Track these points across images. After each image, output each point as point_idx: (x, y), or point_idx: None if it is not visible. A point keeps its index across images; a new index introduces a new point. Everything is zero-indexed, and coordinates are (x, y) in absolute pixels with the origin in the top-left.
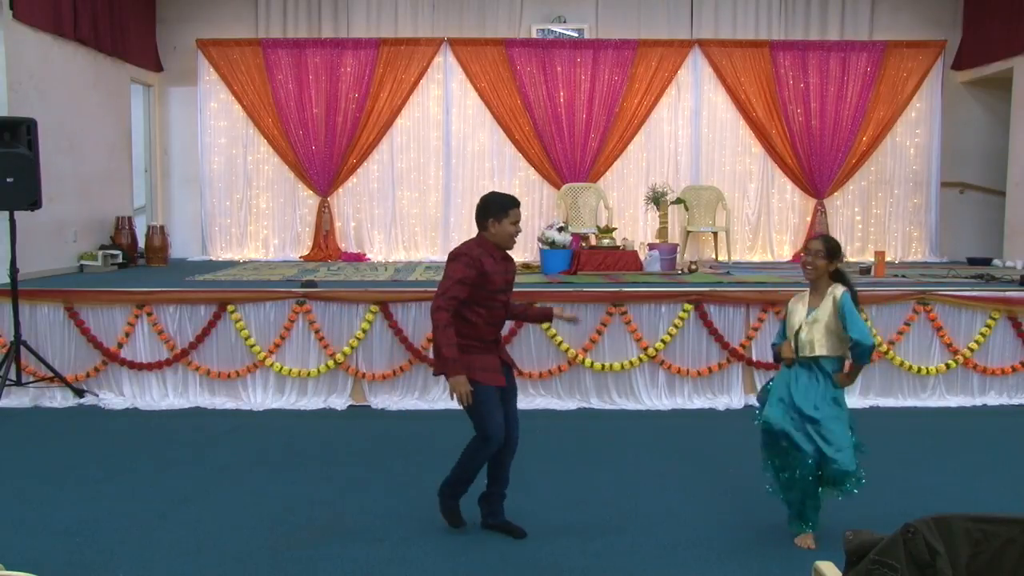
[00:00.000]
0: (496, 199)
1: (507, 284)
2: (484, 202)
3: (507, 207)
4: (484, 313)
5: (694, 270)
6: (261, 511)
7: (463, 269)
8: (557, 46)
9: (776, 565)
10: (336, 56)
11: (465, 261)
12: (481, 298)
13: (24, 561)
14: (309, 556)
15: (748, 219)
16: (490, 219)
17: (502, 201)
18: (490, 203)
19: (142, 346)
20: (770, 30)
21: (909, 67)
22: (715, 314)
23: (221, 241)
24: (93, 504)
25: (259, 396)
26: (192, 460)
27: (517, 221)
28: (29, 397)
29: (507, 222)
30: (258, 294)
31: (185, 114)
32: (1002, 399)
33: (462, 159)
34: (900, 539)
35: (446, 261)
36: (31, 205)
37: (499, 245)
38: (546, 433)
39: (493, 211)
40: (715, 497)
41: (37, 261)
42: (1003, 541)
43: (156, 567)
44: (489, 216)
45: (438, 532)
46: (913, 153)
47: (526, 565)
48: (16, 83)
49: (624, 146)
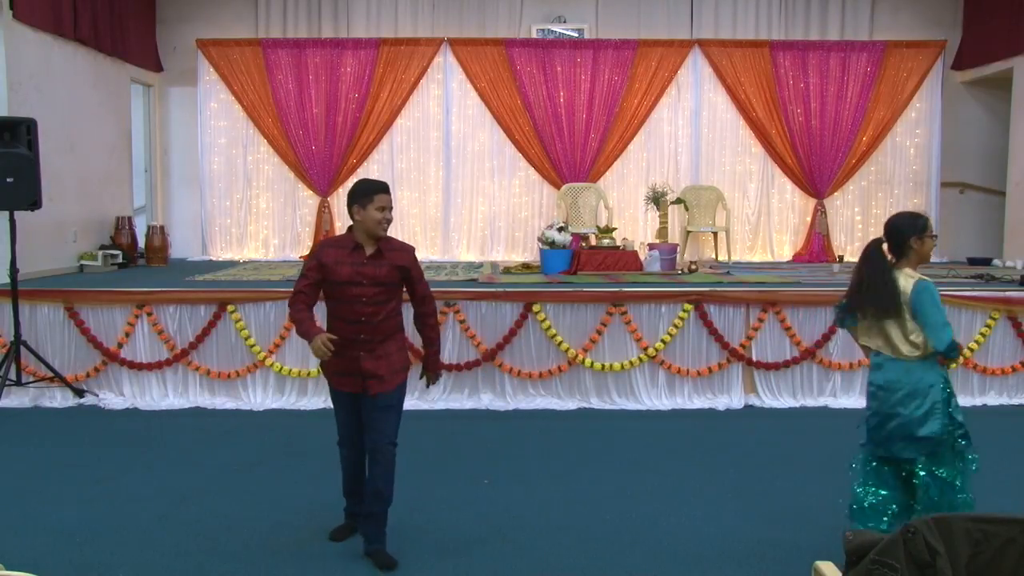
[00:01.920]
0: (361, 185)
1: (360, 277)
2: (351, 190)
3: (371, 192)
4: (335, 307)
5: (694, 270)
6: (261, 511)
7: (307, 260)
8: (557, 46)
9: (776, 565)
10: (336, 56)
11: (313, 251)
12: (329, 291)
13: (24, 561)
14: (309, 556)
15: (748, 219)
16: (355, 206)
17: (367, 187)
18: (355, 190)
19: (142, 346)
20: (770, 30)
21: (909, 67)
22: (715, 314)
23: (221, 241)
24: (93, 504)
25: (259, 396)
26: (192, 460)
27: (384, 207)
28: (29, 397)
29: (372, 208)
30: (258, 294)
31: (185, 114)
32: (1002, 399)
33: (462, 159)
34: (900, 539)
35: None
36: (31, 205)
37: (369, 233)
38: (546, 433)
39: (357, 197)
40: (715, 497)
41: (37, 261)
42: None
43: (156, 567)
44: (354, 203)
45: (438, 532)
46: (913, 153)
47: (526, 565)
48: (16, 83)
49: (624, 146)
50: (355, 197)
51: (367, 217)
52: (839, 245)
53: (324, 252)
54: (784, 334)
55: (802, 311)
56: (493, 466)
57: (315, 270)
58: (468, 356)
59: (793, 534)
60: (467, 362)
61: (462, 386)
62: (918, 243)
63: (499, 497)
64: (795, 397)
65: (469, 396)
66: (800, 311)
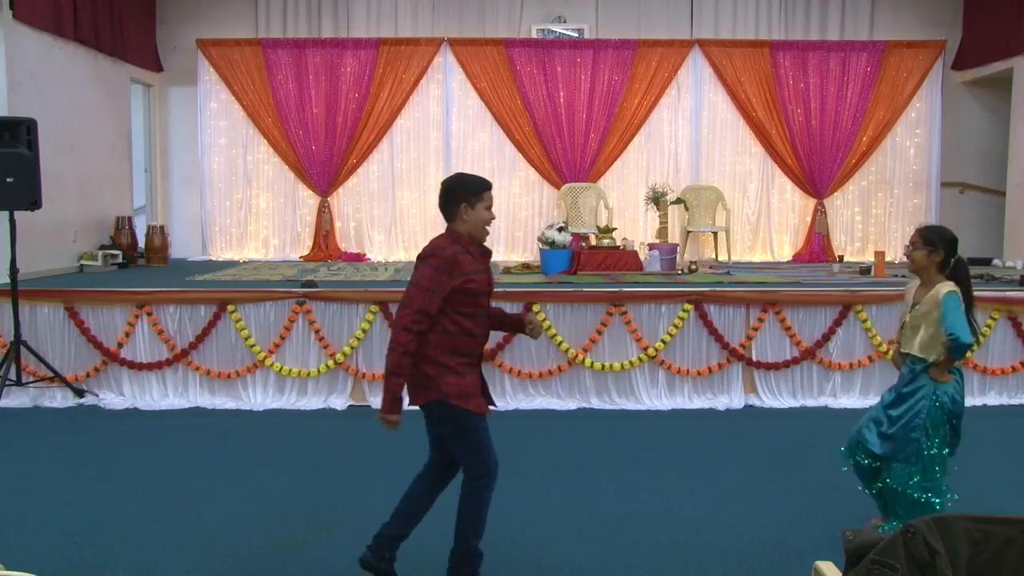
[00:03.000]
0: (466, 181)
1: (490, 285)
2: (450, 186)
3: (480, 189)
4: (467, 324)
5: (694, 270)
6: (261, 511)
7: (432, 274)
8: (557, 46)
9: (776, 565)
10: (336, 56)
11: (436, 264)
12: (462, 305)
13: (24, 561)
14: (309, 556)
15: (748, 219)
16: (462, 205)
17: (474, 183)
18: (459, 186)
19: (142, 346)
20: (770, 30)
21: (909, 67)
22: (715, 314)
23: (221, 241)
24: (93, 504)
25: (259, 396)
26: (192, 460)
27: (491, 206)
28: (29, 397)
29: (481, 207)
30: (258, 294)
31: (185, 114)
32: (1002, 399)
33: (462, 159)
34: (900, 539)
35: (418, 261)
36: (31, 205)
37: (473, 237)
38: (546, 433)
39: (464, 195)
40: (715, 497)
41: (37, 261)
42: (1003, 541)
43: (156, 567)
44: (460, 202)
45: (438, 532)
46: (913, 153)
47: (526, 565)
48: (16, 83)
49: (624, 146)
50: (463, 194)
51: (478, 217)
52: (839, 245)
53: (460, 260)
54: (784, 334)
55: (802, 311)
56: None
57: (446, 285)
58: None
59: (793, 534)
60: None
61: None
62: None
63: (499, 497)
64: (795, 397)
65: None
66: (800, 311)
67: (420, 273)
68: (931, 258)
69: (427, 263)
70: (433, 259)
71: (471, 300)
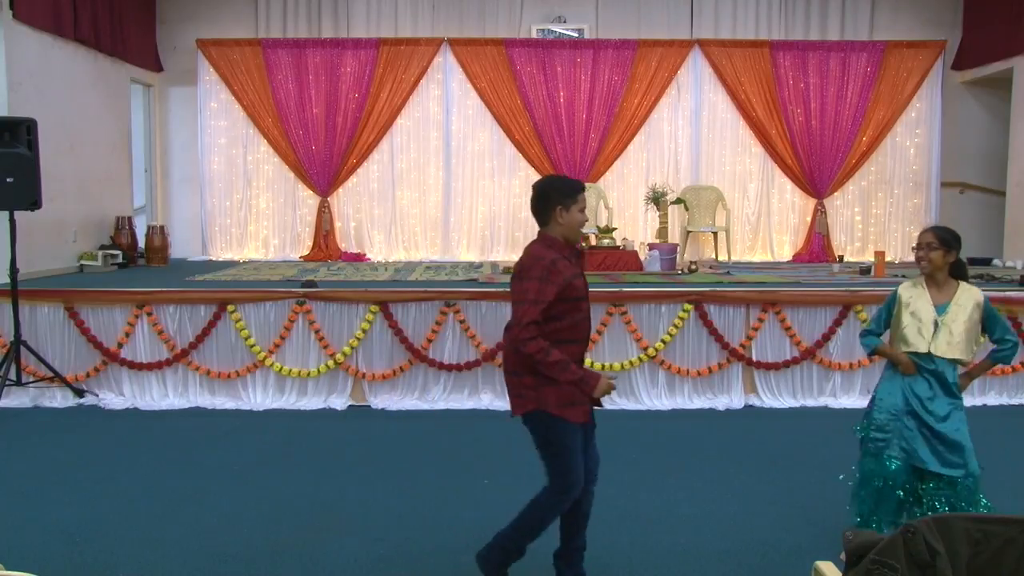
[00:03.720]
0: (560, 183)
1: (587, 288)
2: (544, 190)
3: (575, 191)
4: (568, 330)
5: (694, 270)
6: (261, 511)
7: (538, 286)
8: (557, 46)
9: (776, 565)
10: (336, 56)
11: (538, 274)
12: (564, 312)
13: (24, 561)
14: (309, 556)
15: (748, 219)
16: (558, 208)
17: (568, 185)
18: (554, 189)
19: (142, 346)
20: (770, 30)
21: (909, 67)
22: (715, 314)
23: (221, 241)
24: (93, 504)
25: (259, 396)
26: (192, 460)
27: (584, 207)
28: (29, 397)
29: (575, 209)
30: (258, 294)
31: (185, 114)
32: (1002, 399)
33: (462, 159)
34: (900, 539)
35: (524, 277)
36: (31, 205)
37: (568, 239)
38: None
39: (560, 198)
40: (715, 497)
41: (37, 261)
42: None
43: (156, 567)
44: (556, 204)
45: (438, 532)
46: (913, 153)
47: (526, 565)
48: (16, 83)
49: (624, 146)
50: (558, 196)
51: (572, 220)
52: (839, 245)
53: (561, 265)
54: (784, 334)
55: (802, 311)
56: (493, 466)
57: (551, 293)
58: (468, 356)
59: (793, 534)
60: (467, 362)
61: (462, 386)
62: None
63: (499, 497)
64: (795, 397)
65: (469, 396)
66: (800, 311)
67: (525, 288)
68: (947, 259)
69: (529, 276)
70: (535, 270)
71: (573, 305)
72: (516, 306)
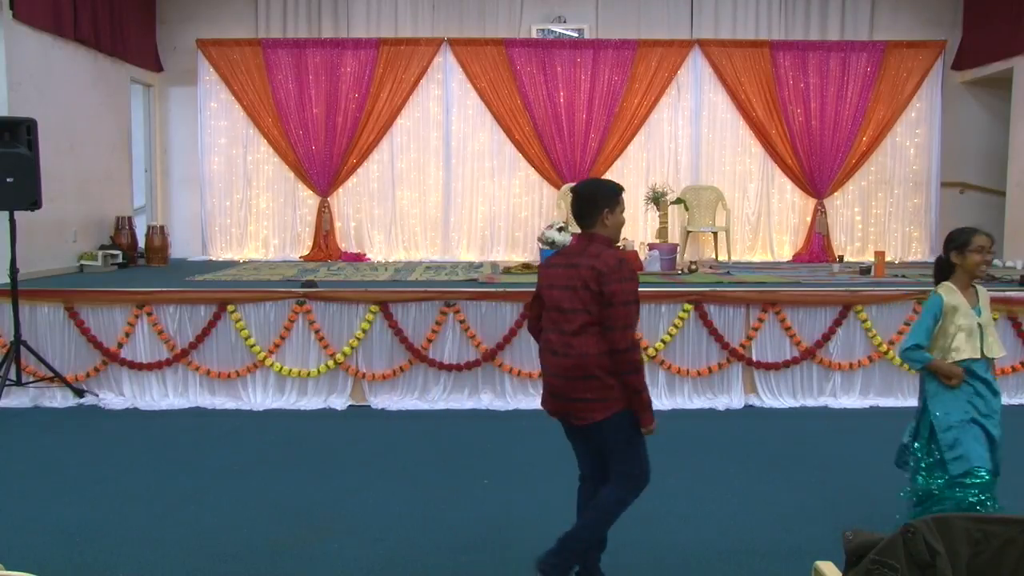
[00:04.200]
0: (605, 187)
1: None
2: (591, 193)
3: (618, 194)
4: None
5: (694, 270)
6: (261, 511)
7: (635, 287)
8: (557, 46)
9: (776, 565)
10: (336, 56)
11: (629, 274)
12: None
13: (24, 561)
14: (309, 556)
15: (748, 219)
16: (605, 210)
17: (612, 188)
18: (601, 193)
19: (142, 346)
20: (770, 30)
21: (909, 67)
22: (715, 314)
23: (221, 241)
24: (93, 504)
25: (259, 396)
26: (192, 460)
27: (624, 208)
28: (29, 397)
29: (619, 211)
30: (258, 294)
31: (185, 114)
32: (1002, 399)
33: (462, 159)
34: (900, 539)
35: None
36: (31, 205)
37: (613, 240)
38: (546, 433)
39: (606, 201)
40: (715, 497)
41: (37, 261)
42: (1003, 541)
43: (156, 567)
44: (603, 207)
45: (438, 532)
46: (913, 153)
47: (526, 565)
48: (16, 83)
49: (624, 146)
50: (605, 200)
51: (617, 221)
52: (839, 245)
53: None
54: (784, 334)
55: (802, 311)
56: (493, 466)
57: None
58: (468, 356)
59: (793, 534)
60: (467, 362)
61: (462, 386)
62: (959, 258)
63: (499, 497)
64: (795, 397)
65: (469, 396)
66: (800, 311)
67: (625, 290)
68: None
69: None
70: (624, 270)
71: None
72: (618, 309)
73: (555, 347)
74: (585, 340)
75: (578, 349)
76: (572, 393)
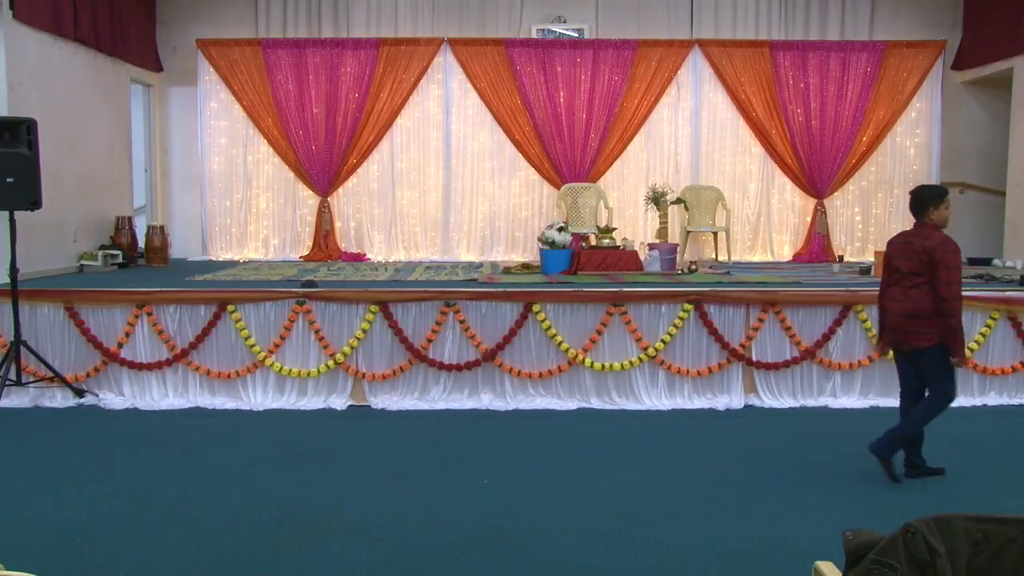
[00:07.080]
0: (932, 190)
1: None
2: (922, 195)
3: (943, 195)
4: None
5: (694, 270)
6: (261, 511)
7: (958, 259)
8: (557, 46)
9: (776, 565)
10: (336, 56)
11: (955, 248)
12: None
13: (24, 561)
14: (309, 556)
15: (748, 219)
16: (931, 207)
17: (938, 191)
18: (930, 195)
19: (142, 346)
20: (770, 30)
21: (909, 67)
22: (715, 314)
23: (221, 241)
24: (93, 504)
25: (259, 396)
26: (192, 460)
27: (949, 206)
28: (29, 397)
29: (943, 208)
30: (258, 294)
31: (185, 114)
32: (1002, 399)
33: (462, 159)
34: (900, 539)
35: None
36: (31, 205)
37: (939, 227)
38: (546, 433)
39: (933, 200)
40: (715, 497)
41: (37, 261)
42: (1003, 541)
43: (156, 567)
44: (930, 205)
45: (438, 532)
46: (913, 153)
47: (526, 565)
48: (16, 83)
49: (624, 146)
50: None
51: (941, 216)
52: (839, 245)
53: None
54: (784, 334)
55: (802, 311)
56: (493, 466)
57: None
58: (468, 356)
59: (793, 534)
60: (467, 362)
61: (462, 386)
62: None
63: (499, 497)
64: (795, 397)
65: (469, 396)
66: (800, 311)
67: (952, 259)
68: None
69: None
70: (951, 244)
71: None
72: (944, 272)
73: (897, 297)
74: (918, 293)
75: (913, 298)
76: (907, 327)
